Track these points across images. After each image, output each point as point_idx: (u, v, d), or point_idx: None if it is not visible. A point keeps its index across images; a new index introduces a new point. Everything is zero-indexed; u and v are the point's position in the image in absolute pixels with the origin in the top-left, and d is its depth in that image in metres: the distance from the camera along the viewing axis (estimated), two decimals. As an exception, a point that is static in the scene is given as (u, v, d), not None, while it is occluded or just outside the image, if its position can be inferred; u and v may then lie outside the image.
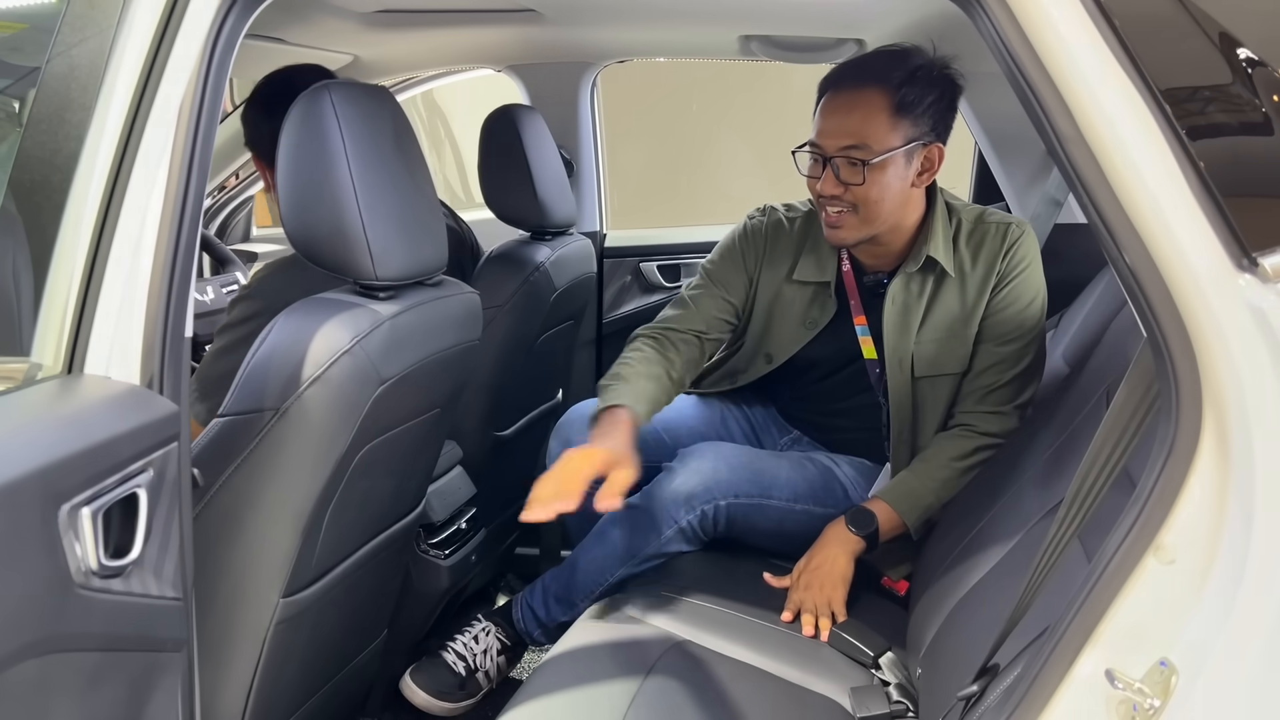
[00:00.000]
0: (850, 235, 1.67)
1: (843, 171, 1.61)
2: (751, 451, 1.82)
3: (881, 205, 1.62)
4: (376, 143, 1.35)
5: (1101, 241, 0.89)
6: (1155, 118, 0.85)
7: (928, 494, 1.67)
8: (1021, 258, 1.69)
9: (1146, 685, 0.85)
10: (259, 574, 1.29)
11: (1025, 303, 1.69)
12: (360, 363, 1.27)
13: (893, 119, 1.58)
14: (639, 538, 1.76)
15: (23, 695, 0.82)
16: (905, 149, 1.60)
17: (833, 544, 1.66)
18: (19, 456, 0.81)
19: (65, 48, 1.08)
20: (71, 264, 0.99)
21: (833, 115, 1.62)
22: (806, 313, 1.83)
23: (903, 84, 1.58)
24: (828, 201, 1.64)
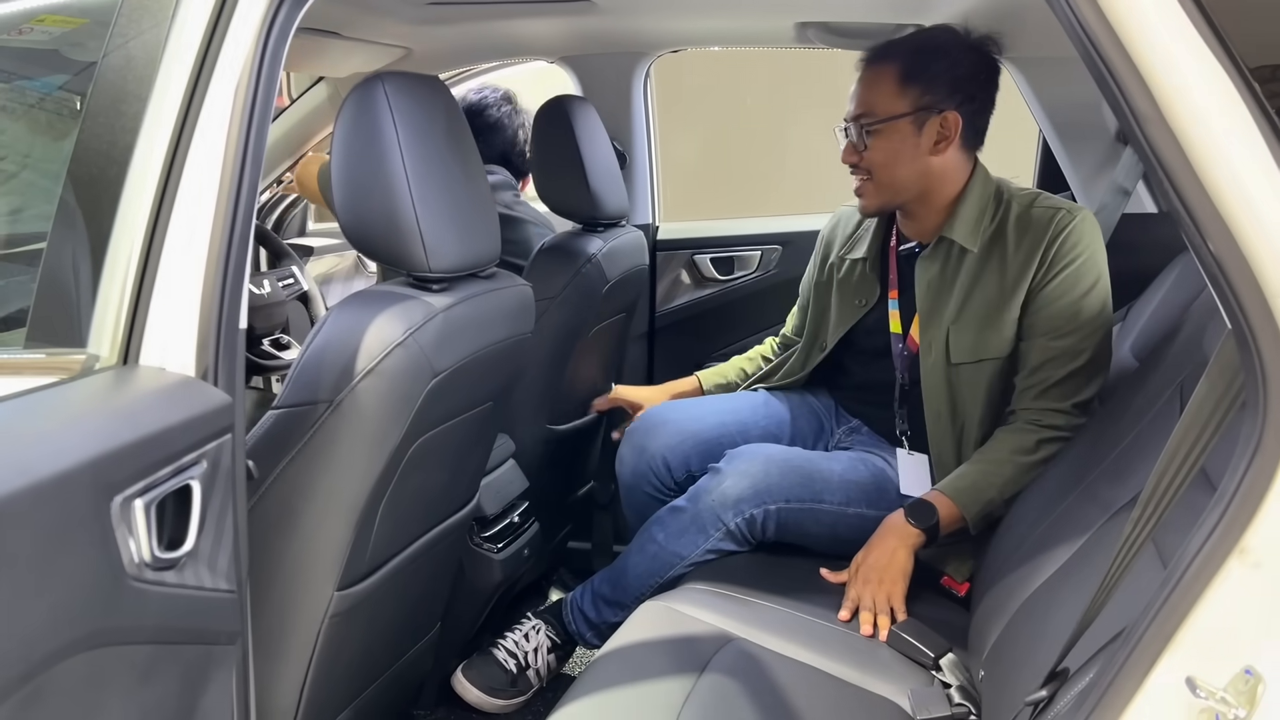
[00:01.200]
0: (870, 202, 1.75)
1: (855, 139, 1.70)
2: (802, 454, 1.80)
3: (893, 171, 1.69)
4: (430, 134, 1.34)
5: (1183, 228, 0.85)
6: (1242, 96, 0.81)
7: (989, 488, 1.62)
8: (1072, 245, 1.63)
9: (1230, 694, 0.81)
10: (313, 567, 1.29)
11: (1079, 294, 1.63)
12: (414, 355, 1.26)
13: (899, 86, 1.65)
14: (686, 540, 1.75)
15: (75, 690, 0.82)
16: (912, 115, 1.65)
17: (891, 537, 1.62)
18: (71, 448, 0.81)
19: (121, 41, 1.08)
20: (127, 256, 0.99)
21: (854, 88, 1.72)
22: (856, 292, 1.88)
23: (914, 54, 1.65)
24: (852, 170, 1.73)
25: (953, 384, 1.72)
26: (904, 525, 1.62)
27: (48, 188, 2.02)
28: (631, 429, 1.98)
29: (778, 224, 2.68)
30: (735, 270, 2.66)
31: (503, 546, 1.89)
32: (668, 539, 1.77)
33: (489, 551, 1.86)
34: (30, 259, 1.84)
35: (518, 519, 1.97)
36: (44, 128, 2.06)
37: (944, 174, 1.70)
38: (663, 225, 2.75)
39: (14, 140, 2.03)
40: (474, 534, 1.86)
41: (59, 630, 0.80)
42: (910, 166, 1.68)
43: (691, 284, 2.71)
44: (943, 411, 1.73)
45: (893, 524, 1.64)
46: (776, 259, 2.62)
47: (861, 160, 1.70)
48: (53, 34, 1.69)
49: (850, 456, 1.84)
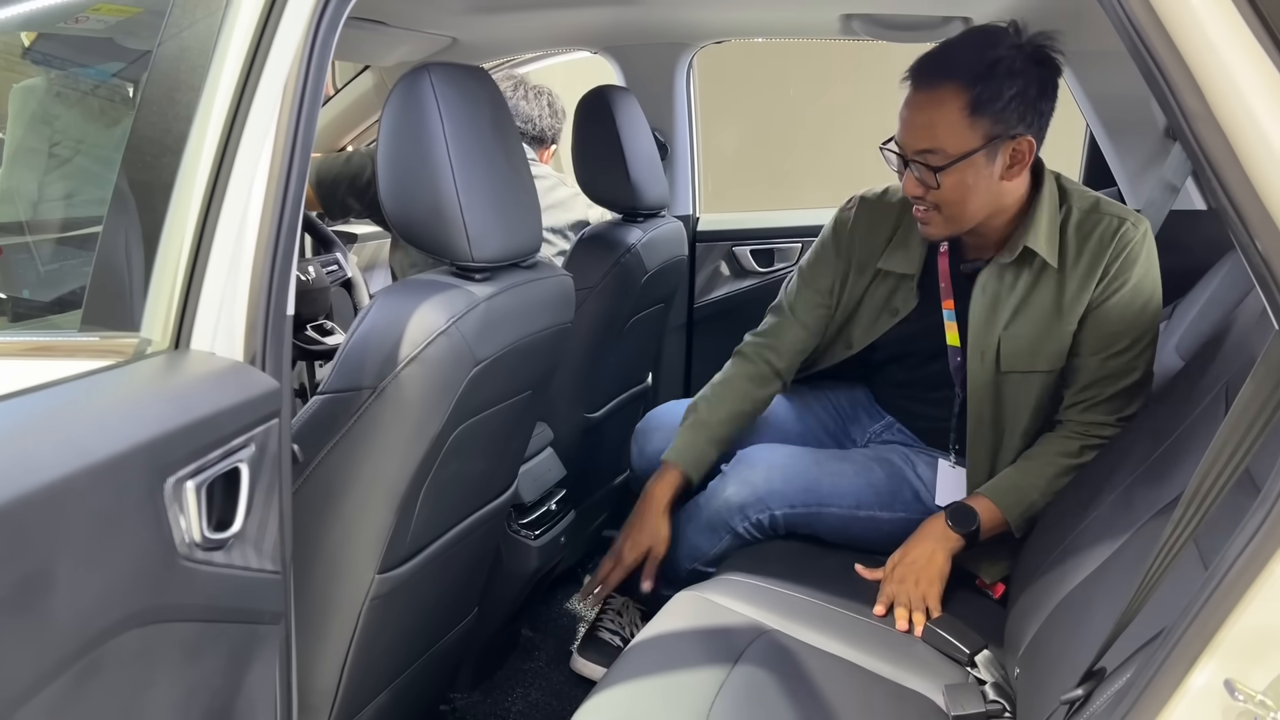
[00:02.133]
0: (938, 232, 1.63)
1: (921, 173, 1.56)
2: (810, 456, 1.78)
3: (965, 206, 1.57)
4: (475, 125, 1.36)
5: (1231, 226, 0.84)
6: (1294, 94, 0.80)
7: (1032, 490, 1.61)
8: (1135, 259, 1.59)
9: (1269, 697, 0.81)
10: (355, 550, 1.31)
11: (1138, 308, 1.60)
12: (456, 343, 1.28)
13: (969, 119, 1.51)
14: (704, 538, 1.81)
15: (127, 664, 0.85)
16: (985, 149, 1.52)
17: (930, 539, 1.62)
18: (127, 430, 0.83)
19: (176, 30, 1.10)
20: (180, 242, 1.01)
21: (910, 114, 1.56)
22: (888, 301, 1.80)
23: (980, 79, 1.49)
24: (914, 200, 1.61)
25: (999, 391, 1.69)
26: (944, 529, 1.62)
27: (100, 173, 2.07)
28: (637, 430, 2.03)
29: (818, 216, 2.66)
30: (775, 262, 2.66)
31: (540, 533, 1.91)
32: (692, 534, 1.83)
33: (526, 538, 1.88)
34: (82, 242, 1.89)
35: (555, 507, 1.99)
36: (97, 115, 2.11)
37: (1013, 194, 1.61)
38: (703, 216, 2.75)
39: (69, 127, 2.08)
40: (512, 521, 1.88)
41: (114, 606, 0.82)
42: (983, 198, 1.57)
43: (730, 275, 2.71)
44: (985, 418, 1.71)
45: (932, 528, 1.63)
46: (817, 251, 2.61)
47: (928, 194, 1.57)
48: (107, 23, 1.73)
49: (865, 456, 1.82)
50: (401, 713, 1.61)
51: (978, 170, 1.54)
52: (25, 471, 0.73)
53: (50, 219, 2.00)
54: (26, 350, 1.14)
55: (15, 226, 2.01)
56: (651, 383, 2.56)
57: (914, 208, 1.63)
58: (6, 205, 2.11)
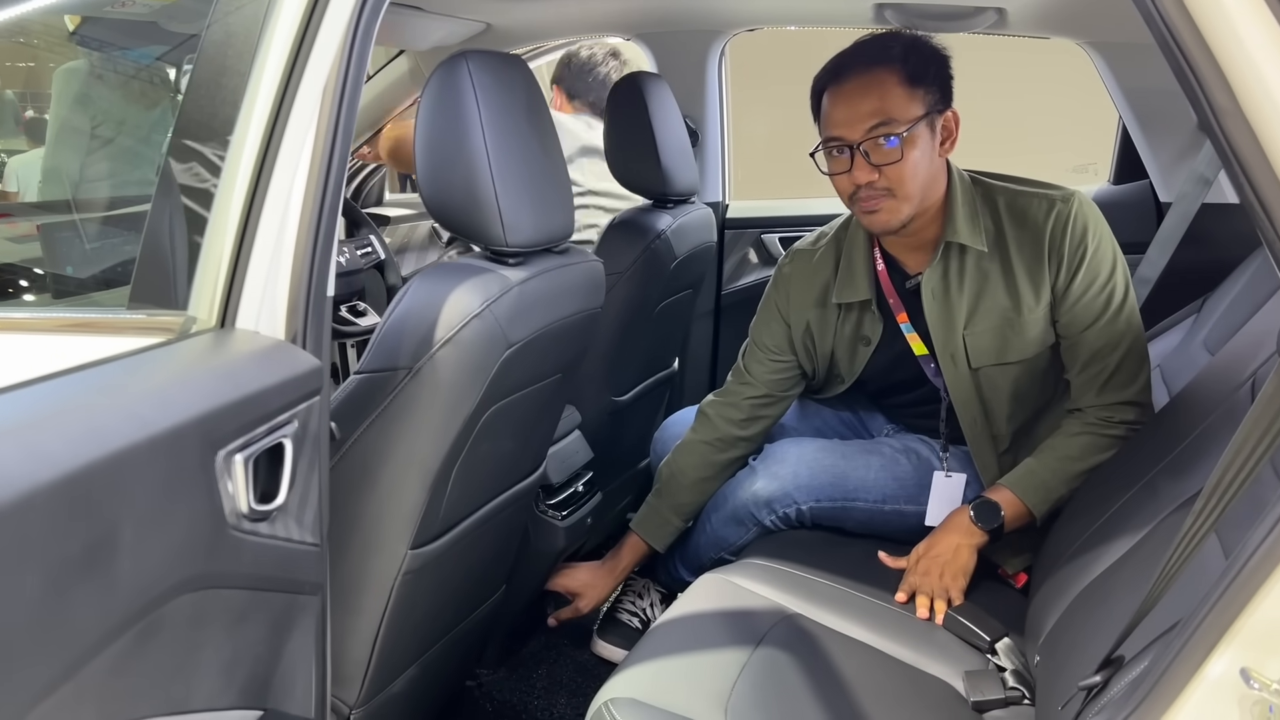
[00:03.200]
0: (887, 219, 1.61)
1: (874, 155, 1.56)
2: (837, 450, 1.79)
3: (915, 182, 1.58)
4: (510, 112, 1.38)
5: (1258, 223, 0.85)
6: (1324, 93, 0.81)
7: (1060, 485, 1.61)
8: (1081, 234, 1.59)
9: (1285, 687, 0.82)
10: (389, 526, 1.34)
11: (1104, 279, 1.60)
12: (489, 326, 1.30)
13: (909, 90, 1.56)
14: (730, 530, 1.83)
15: (181, 627, 0.89)
16: (926, 118, 1.57)
17: (955, 533, 1.62)
18: (184, 404, 0.87)
19: (223, 15, 1.13)
20: (226, 224, 1.04)
21: (847, 103, 1.58)
22: (858, 332, 1.79)
23: (904, 57, 1.57)
24: (863, 191, 1.59)
25: (980, 388, 1.70)
26: (969, 525, 1.62)
27: (141, 154, 2.11)
28: (655, 439, 2.09)
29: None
30: (803, 251, 2.66)
31: (567, 514, 1.94)
32: (717, 525, 1.86)
33: (553, 519, 1.91)
34: (124, 221, 1.93)
35: (582, 488, 2.02)
36: (139, 97, 2.15)
37: (940, 177, 1.64)
38: (732, 204, 2.76)
39: (112, 108, 2.12)
40: (540, 501, 1.91)
41: (172, 571, 0.86)
42: (926, 173, 1.59)
43: (759, 263, 2.72)
44: (977, 418, 1.71)
45: (958, 522, 1.63)
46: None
47: (881, 177, 1.57)
48: (152, 7, 1.76)
49: (894, 448, 1.82)
50: (430, 686, 1.64)
51: (924, 143, 1.58)
52: (93, 441, 0.77)
53: (91, 198, 2.04)
54: (77, 326, 1.18)
55: (59, 205, 2.05)
56: (678, 368, 2.58)
57: (860, 202, 1.61)
58: (49, 184, 2.16)
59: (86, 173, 2.06)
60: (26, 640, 0.74)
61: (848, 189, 1.61)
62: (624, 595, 2.16)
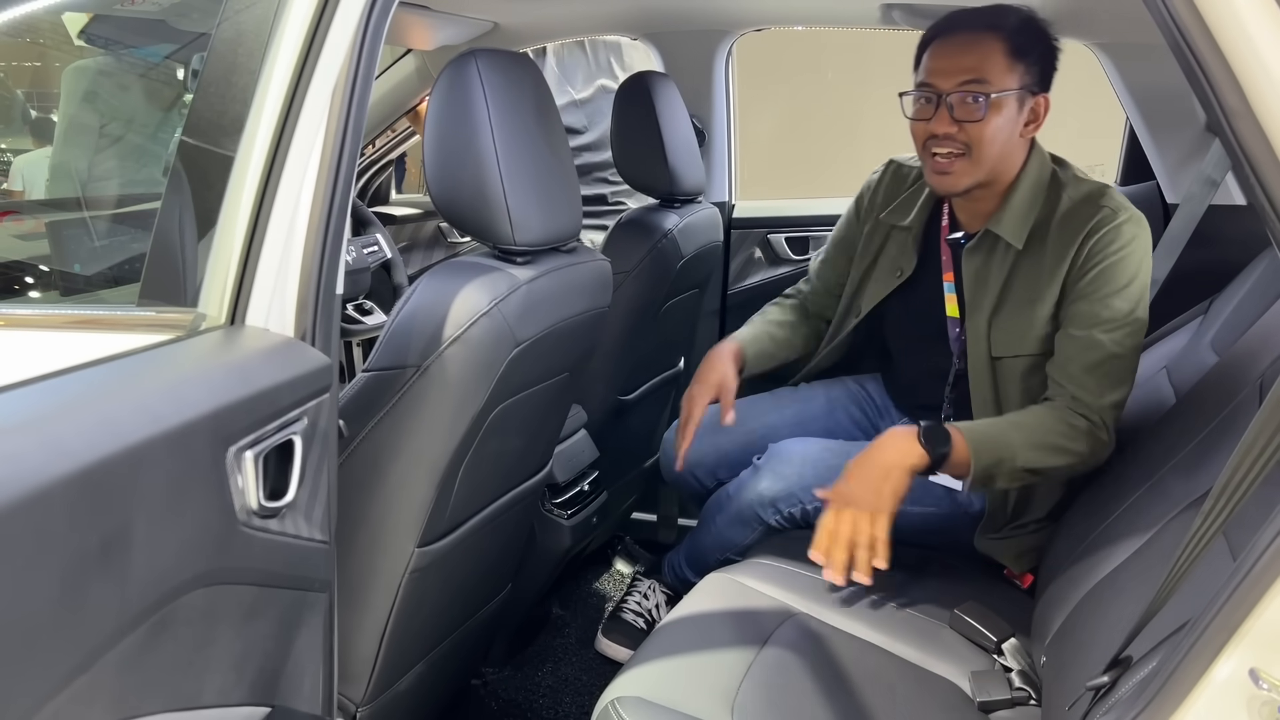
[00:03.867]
0: (961, 180, 1.63)
1: (958, 109, 1.59)
2: (842, 451, 1.77)
3: (993, 148, 1.60)
4: (519, 111, 1.38)
5: (1268, 224, 0.85)
6: (1336, 94, 0.81)
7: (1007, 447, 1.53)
8: (1109, 243, 1.57)
9: (1293, 688, 0.82)
10: (397, 523, 1.34)
11: (1111, 292, 1.57)
12: (497, 324, 1.31)
13: (1009, 61, 1.58)
14: (734, 530, 1.84)
15: (193, 621, 0.89)
16: (1018, 91, 1.59)
17: (891, 452, 1.51)
18: (195, 400, 0.87)
19: (233, 13, 1.13)
20: (236, 222, 1.04)
21: (947, 55, 1.61)
22: (896, 261, 1.85)
23: (1016, 31, 1.59)
24: (938, 143, 1.61)
25: (996, 377, 1.70)
26: (911, 443, 1.51)
27: (150, 151, 2.11)
28: (664, 441, 2.07)
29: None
30: (810, 250, 2.66)
31: (573, 513, 1.94)
32: (721, 525, 1.86)
33: (559, 517, 1.92)
34: (132, 219, 1.93)
35: (588, 487, 2.02)
36: (148, 95, 2.15)
37: (1018, 159, 1.66)
38: (739, 203, 2.76)
39: (120, 106, 2.12)
40: (546, 500, 1.91)
41: (183, 566, 0.86)
42: (1004, 144, 1.61)
43: (765, 263, 2.72)
44: (988, 401, 1.72)
45: (896, 439, 1.52)
46: (852, 240, 2.61)
47: (960, 132, 1.59)
48: (161, 4, 1.77)
49: None
50: (436, 684, 1.65)
51: (1008, 114, 1.59)
52: (108, 436, 0.77)
53: (98, 196, 2.05)
54: (87, 322, 1.18)
55: (67, 203, 2.06)
56: (684, 367, 2.58)
57: (933, 160, 1.63)
58: (57, 182, 2.17)
59: (94, 170, 2.07)
60: (44, 632, 0.74)
61: (923, 137, 1.64)
62: (629, 595, 2.17)
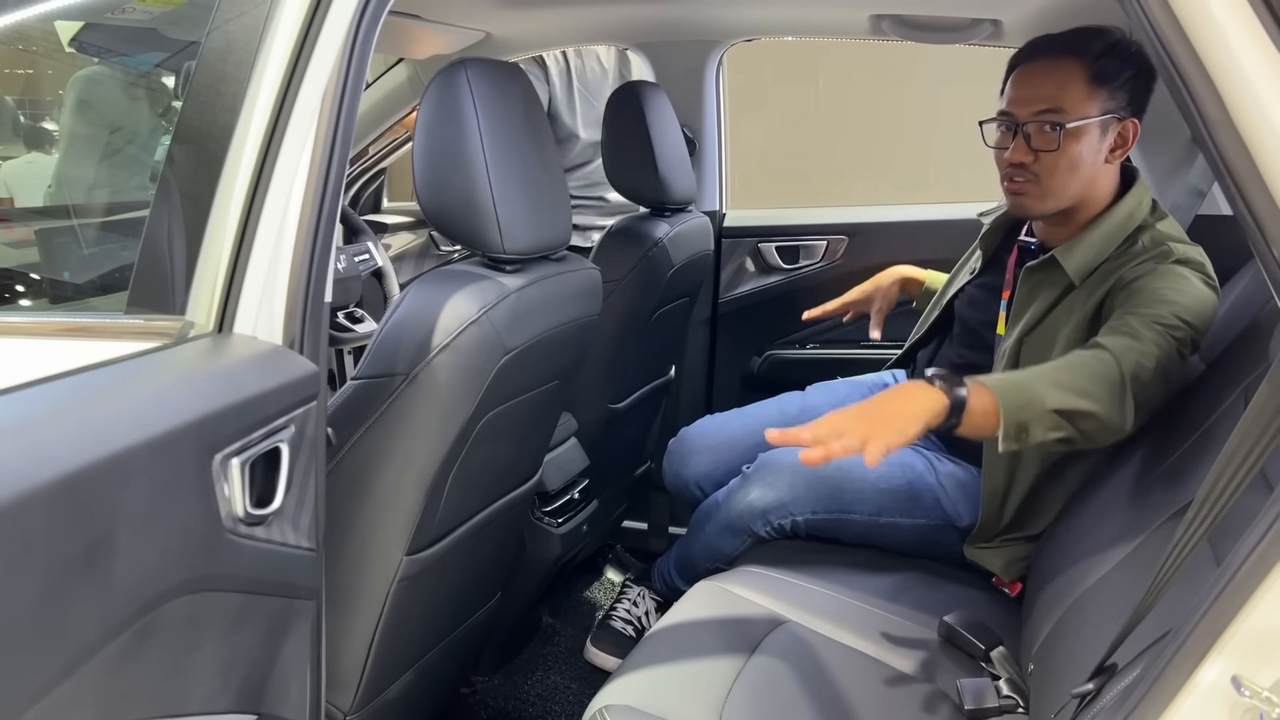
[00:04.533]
0: (1034, 205, 1.62)
1: (1035, 138, 1.56)
2: (833, 462, 1.66)
3: (1068, 177, 1.57)
4: (508, 120, 1.39)
5: (1248, 233, 0.86)
6: (1314, 106, 0.82)
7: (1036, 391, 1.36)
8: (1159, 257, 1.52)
9: (1275, 694, 0.82)
10: (385, 531, 1.34)
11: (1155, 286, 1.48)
12: (486, 333, 1.31)
13: (1090, 88, 1.54)
14: (725, 540, 1.84)
15: (178, 628, 0.89)
16: (1100, 119, 1.55)
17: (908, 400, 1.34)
18: (181, 407, 0.87)
19: (222, 23, 1.13)
20: (225, 229, 1.05)
21: (1026, 83, 1.59)
22: (970, 259, 1.89)
23: (1100, 55, 1.54)
24: (1015, 170, 1.60)
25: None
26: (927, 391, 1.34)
27: (139, 159, 2.11)
28: (669, 450, 2.07)
29: (845, 214, 2.69)
30: (800, 260, 2.67)
31: (563, 521, 1.94)
32: (711, 534, 1.86)
33: (549, 526, 1.92)
34: (120, 226, 1.93)
35: (578, 495, 2.02)
36: (137, 103, 2.15)
37: (1105, 185, 1.62)
38: (729, 213, 2.76)
39: (111, 114, 2.12)
40: (536, 508, 1.91)
41: (169, 573, 0.86)
42: (1085, 173, 1.57)
43: (756, 272, 2.72)
44: None
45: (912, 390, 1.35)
46: (843, 249, 2.62)
47: (1036, 162, 1.57)
48: (153, 13, 1.77)
49: (889, 462, 1.77)
50: (425, 693, 1.64)
51: (1089, 143, 1.56)
52: (92, 443, 0.77)
53: (87, 204, 2.05)
54: (75, 330, 1.18)
55: (56, 211, 2.06)
56: (674, 376, 2.58)
57: (1009, 182, 1.62)
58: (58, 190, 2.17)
59: (97, 179, 2.07)
60: (27, 637, 0.74)
61: (1003, 164, 1.63)
62: (618, 602, 2.17)
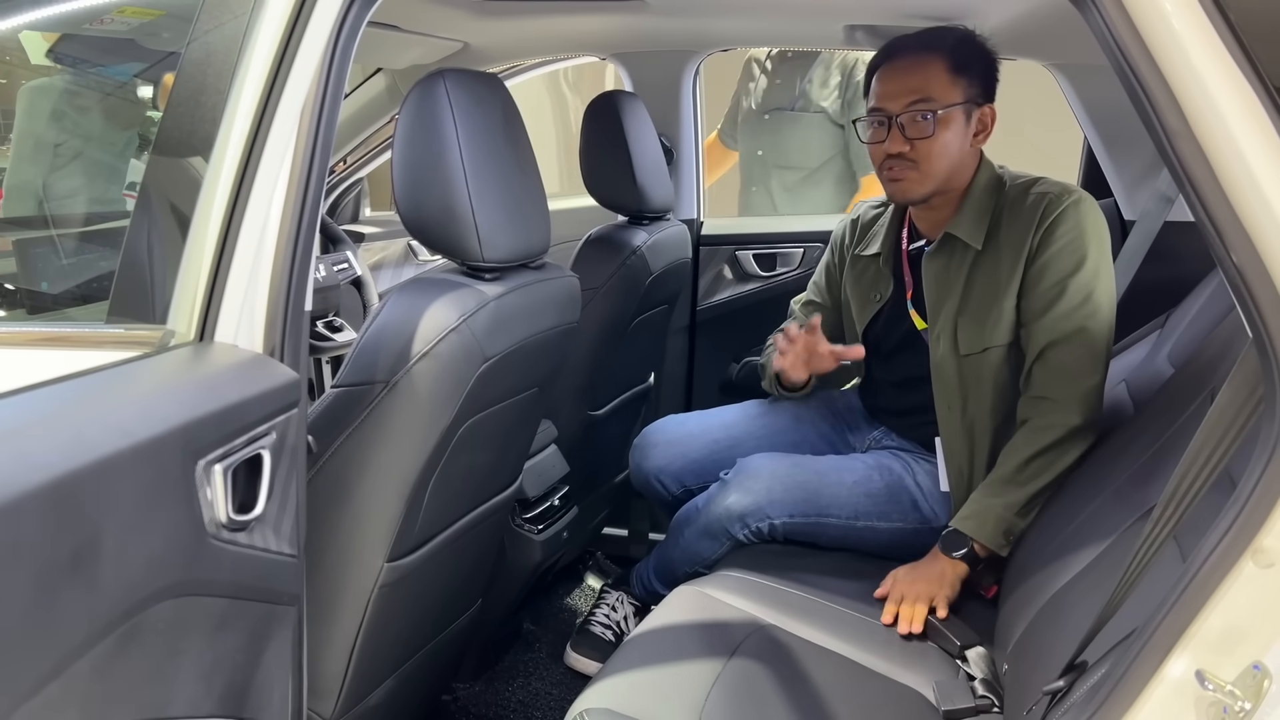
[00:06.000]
0: (913, 189, 1.71)
1: (909, 128, 1.67)
2: (810, 466, 1.82)
3: (942, 159, 1.68)
4: (487, 129, 1.40)
5: (1208, 239, 0.88)
6: (1269, 115, 0.84)
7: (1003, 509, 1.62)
8: (1061, 221, 1.64)
9: (1238, 688, 0.84)
10: (366, 538, 1.35)
11: (1064, 274, 1.62)
12: (466, 340, 1.32)
13: (952, 77, 1.66)
14: (703, 544, 1.86)
15: (163, 632, 0.90)
16: (964, 105, 1.67)
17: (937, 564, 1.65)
18: (164, 414, 0.88)
19: (202, 34, 1.14)
20: (206, 239, 1.05)
21: (893, 79, 1.69)
22: (872, 289, 1.91)
23: (955, 49, 1.67)
24: (894, 161, 1.69)
25: (963, 376, 1.73)
26: (945, 559, 1.64)
27: (114, 168, 2.11)
28: (633, 446, 2.11)
29: (821, 222, 2.72)
30: (778, 267, 2.69)
31: (543, 528, 1.95)
32: (690, 538, 1.88)
33: (529, 532, 1.92)
34: (96, 237, 1.93)
35: (558, 502, 2.03)
36: (113, 114, 2.15)
37: (969, 165, 1.73)
38: (707, 221, 2.79)
39: (82, 125, 2.12)
40: (516, 515, 1.92)
41: (153, 577, 0.87)
42: (955, 156, 1.69)
43: (734, 279, 2.74)
44: (954, 404, 1.74)
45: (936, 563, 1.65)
46: (819, 257, 2.64)
47: (912, 150, 1.67)
48: (131, 24, 1.77)
49: (866, 465, 1.84)
50: (406, 700, 1.65)
51: (956, 128, 1.67)
52: (79, 448, 0.78)
53: (56, 215, 2.04)
54: (54, 340, 1.19)
55: (29, 221, 2.05)
56: (654, 383, 2.60)
57: (886, 172, 1.72)
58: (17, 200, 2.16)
59: (51, 190, 2.06)
60: (16, 638, 0.75)
61: (880, 157, 1.72)
62: (597, 607, 2.18)
